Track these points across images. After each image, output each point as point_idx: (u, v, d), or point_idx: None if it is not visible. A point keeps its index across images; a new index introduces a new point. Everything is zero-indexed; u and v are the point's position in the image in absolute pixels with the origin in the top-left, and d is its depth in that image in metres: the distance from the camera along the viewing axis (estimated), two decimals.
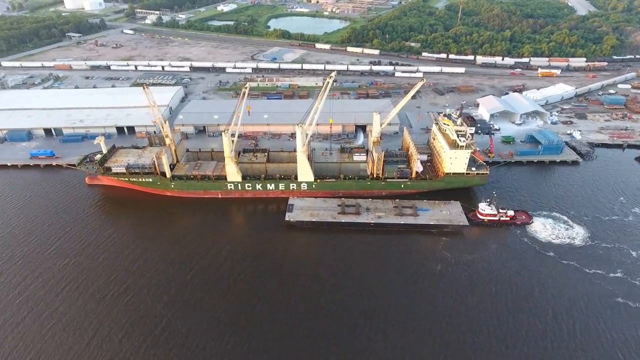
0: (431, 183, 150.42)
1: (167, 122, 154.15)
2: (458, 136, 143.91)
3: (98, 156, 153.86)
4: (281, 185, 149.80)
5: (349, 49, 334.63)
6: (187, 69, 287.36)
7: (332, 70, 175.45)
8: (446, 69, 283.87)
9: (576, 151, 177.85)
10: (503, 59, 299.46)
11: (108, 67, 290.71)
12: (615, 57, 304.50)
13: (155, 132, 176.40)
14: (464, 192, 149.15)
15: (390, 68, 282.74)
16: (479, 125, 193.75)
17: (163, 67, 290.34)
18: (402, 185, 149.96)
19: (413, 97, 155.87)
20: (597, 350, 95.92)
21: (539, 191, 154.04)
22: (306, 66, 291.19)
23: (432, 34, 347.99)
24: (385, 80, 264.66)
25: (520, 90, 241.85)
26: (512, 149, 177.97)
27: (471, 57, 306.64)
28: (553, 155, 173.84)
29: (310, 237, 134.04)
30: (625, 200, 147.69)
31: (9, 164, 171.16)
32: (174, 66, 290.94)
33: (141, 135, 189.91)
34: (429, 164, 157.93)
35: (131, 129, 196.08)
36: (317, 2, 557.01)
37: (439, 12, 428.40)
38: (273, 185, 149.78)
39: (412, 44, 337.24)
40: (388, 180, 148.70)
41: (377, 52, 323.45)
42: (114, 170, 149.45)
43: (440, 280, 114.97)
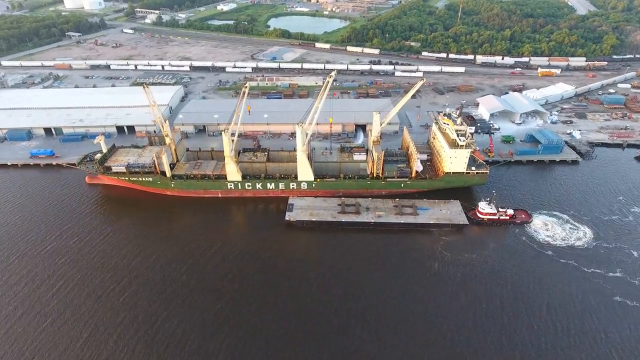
0: (431, 182, 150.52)
1: (167, 121, 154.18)
2: (458, 135, 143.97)
3: (98, 155, 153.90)
4: (281, 185, 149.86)
5: (349, 48, 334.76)
6: (187, 69, 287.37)
7: (332, 70, 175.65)
8: (446, 69, 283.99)
9: (576, 150, 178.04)
10: (503, 59, 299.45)
11: (108, 67, 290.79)
12: (615, 56, 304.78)
13: (155, 131, 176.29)
14: (463, 192, 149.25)
15: (390, 67, 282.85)
16: (478, 124, 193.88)
17: (163, 66, 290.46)
18: (402, 185, 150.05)
19: (413, 96, 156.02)
20: (592, 348, 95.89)
21: (539, 190, 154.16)
22: (306, 65, 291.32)
23: (432, 34, 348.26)
24: (385, 80, 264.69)
25: (520, 90, 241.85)
26: (512, 149, 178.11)
27: (471, 57, 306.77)
28: (553, 154, 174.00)
29: (310, 236, 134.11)
30: (625, 200, 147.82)
31: (9, 164, 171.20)
32: (173, 65, 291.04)
33: (141, 135, 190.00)
34: (428, 163, 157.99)
35: (131, 129, 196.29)
36: (317, 2, 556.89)
37: (438, 12, 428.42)
38: (273, 184, 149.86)
39: (412, 44, 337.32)
40: (388, 179, 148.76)
41: (377, 51, 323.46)
42: (114, 169, 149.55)
43: (439, 279, 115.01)
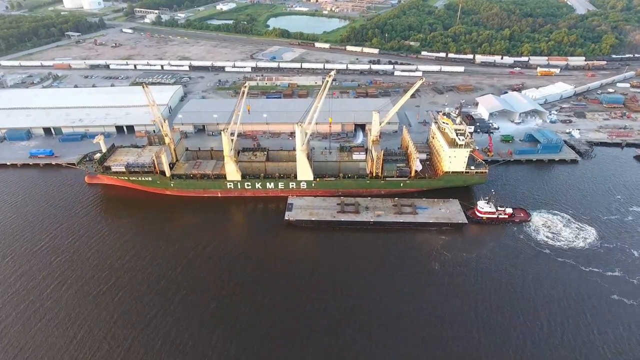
0: (430, 182, 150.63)
1: (166, 121, 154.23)
2: (457, 135, 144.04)
3: (97, 155, 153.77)
4: (280, 184, 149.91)
5: (349, 48, 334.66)
6: (187, 68, 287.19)
7: (331, 69, 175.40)
8: (445, 68, 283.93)
9: (575, 150, 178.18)
10: (502, 58, 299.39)
11: (107, 66, 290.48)
12: (614, 56, 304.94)
13: (154, 131, 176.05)
14: (463, 191, 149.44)
15: (389, 67, 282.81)
16: (478, 124, 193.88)
17: (162, 66, 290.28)
18: (402, 184, 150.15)
19: (412, 96, 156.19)
20: (585, 346, 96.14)
21: (538, 190, 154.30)
22: (305, 65, 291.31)
23: (432, 33, 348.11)
24: (385, 79, 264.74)
25: (519, 89, 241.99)
26: (511, 148, 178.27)
27: (470, 56, 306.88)
28: (552, 154, 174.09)
29: (309, 236, 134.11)
30: (624, 199, 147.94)
31: (8, 163, 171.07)
32: (173, 65, 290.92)
33: (140, 135, 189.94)
34: (428, 162, 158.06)
35: (130, 128, 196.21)
36: (317, 1, 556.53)
37: (438, 11, 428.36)
38: (272, 184, 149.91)
39: (412, 43, 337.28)
40: (387, 179, 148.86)
41: (376, 51, 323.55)
42: (114, 169, 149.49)
43: (438, 278, 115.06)
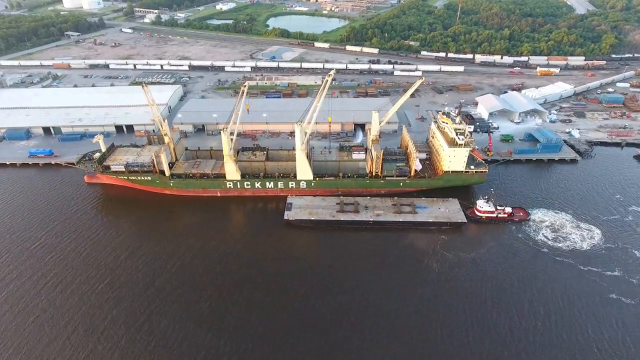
0: (430, 181, 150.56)
1: (166, 120, 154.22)
2: (457, 134, 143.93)
3: (97, 155, 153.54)
4: (280, 184, 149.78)
5: (348, 47, 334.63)
6: (186, 68, 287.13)
7: (331, 69, 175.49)
8: (445, 68, 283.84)
9: (575, 149, 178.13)
10: (502, 58, 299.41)
11: (107, 66, 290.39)
12: (614, 55, 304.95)
13: (154, 130, 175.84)
14: (462, 190, 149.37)
15: (389, 67, 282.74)
16: (477, 123, 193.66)
17: (162, 65, 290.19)
18: (401, 184, 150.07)
19: (412, 95, 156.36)
20: (579, 343, 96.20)
21: (538, 189, 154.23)
22: (305, 65, 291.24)
23: (431, 33, 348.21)
24: (384, 79, 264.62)
25: (519, 89, 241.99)
26: (511, 148, 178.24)
27: (470, 56, 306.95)
28: (552, 153, 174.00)
29: (308, 235, 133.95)
30: (624, 199, 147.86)
31: (7, 163, 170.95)
32: (172, 65, 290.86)
33: (140, 134, 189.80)
34: (427, 162, 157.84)
35: (130, 128, 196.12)
36: (316, 1, 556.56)
37: (438, 11, 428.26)
38: (272, 183, 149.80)
39: (411, 43, 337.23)
40: (387, 178, 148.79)
41: (376, 50, 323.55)
42: (113, 168, 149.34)
43: (437, 277, 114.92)
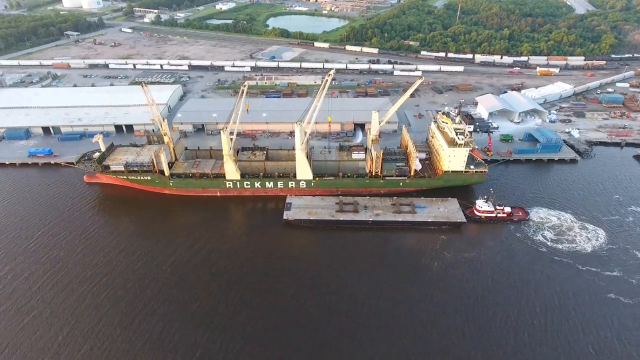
0: (430, 181, 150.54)
1: (165, 120, 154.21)
2: (457, 134, 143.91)
3: (96, 154, 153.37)
4: (280, 184, 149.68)
5: (348, 47, 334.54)
6: (186, 68, 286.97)
7: (330, 69, 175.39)
8: (445, 68, 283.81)
9: (574, 149, 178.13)
10: (502, 58, 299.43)
11: (106, 66, 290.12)
12: (613, 55, 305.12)
13: (153, 130, 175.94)
14: (461, 190, 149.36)
15: (389, 67, 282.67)
16: (477, 123, 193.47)
17: (162, 65, 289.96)
18: (401, 184, 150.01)
19: (412, 95, 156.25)
20: (574, 343, 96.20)
21: (537, 189, 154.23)
22: (305, 65, 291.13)
23: (431, 33, 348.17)
24: (384, 79, 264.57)
25: (518, 89, 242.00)
26: (511, 147, 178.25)
27: (470, 56, 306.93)
28: (551, 153, 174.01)
29: (308, 235, 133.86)
30: (623, 199, 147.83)
31: (7, 163, 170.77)
32: (172, 65, 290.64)
33: (140, 134, 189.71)
34: (427, 162, 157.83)
35: (130, 128, 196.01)
36: (316, 1, 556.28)
37: (437, 11, 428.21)
38: (272, 183, 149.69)
39: (411, 43, 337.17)
40: (387, 178, 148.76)
41: (376, 50, 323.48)
42: (113, 168, 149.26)
43: (436, 277, 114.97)
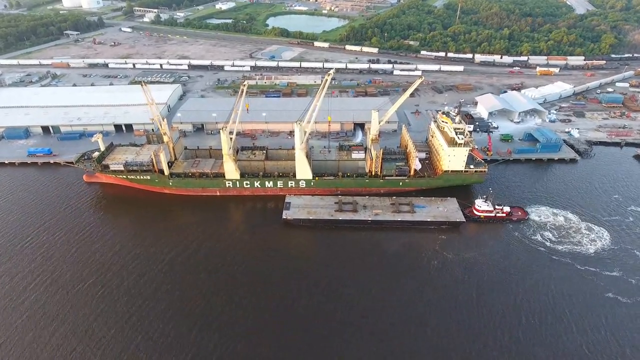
0: (429, 181, 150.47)
1: (165, 119, 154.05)
2: (456, 134, 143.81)
3: (96, 154, 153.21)
4: (279, 183, 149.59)
5: (348, 47, 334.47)
6: (186, 67, 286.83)
7: (330, 69, 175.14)
8: (445, 68, 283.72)
9: (574, 149, 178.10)
10: (502, 58, 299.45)
11: (106, 65, 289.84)
12: (613, 55, 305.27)
13: (153, 129, 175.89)
14: (461, 189, 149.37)
15: (388, 66, 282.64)
16: (477, 123, 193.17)
17: (161, 65, 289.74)
18: (401, 183, 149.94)
19: (412, 95, 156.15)
20: (570, 343, 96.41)
21: (537, 189, 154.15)
22: (305, 64, 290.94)
23: (431, 33, 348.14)
24: (384, 79, 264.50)
25: (518, 89, 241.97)
26: (511, 147, 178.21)
27: (470, 56, 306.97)
28: (551, 153, 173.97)
29: (307, 234, 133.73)
30: (623, 199, 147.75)
31: (6, 162, 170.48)
32: (172, 64, 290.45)
33: (139, 133, 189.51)
34: (427, 161, 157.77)
35: (129, 127, 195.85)
36: (316, 1, 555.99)
37: (437, 11, 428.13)
38: (271, 182, 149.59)
39: (411, 43, 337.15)
40: (386, 178, 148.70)
41: (375, 50, 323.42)
42: (112, 167, 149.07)
43: (435, 277, 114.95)
